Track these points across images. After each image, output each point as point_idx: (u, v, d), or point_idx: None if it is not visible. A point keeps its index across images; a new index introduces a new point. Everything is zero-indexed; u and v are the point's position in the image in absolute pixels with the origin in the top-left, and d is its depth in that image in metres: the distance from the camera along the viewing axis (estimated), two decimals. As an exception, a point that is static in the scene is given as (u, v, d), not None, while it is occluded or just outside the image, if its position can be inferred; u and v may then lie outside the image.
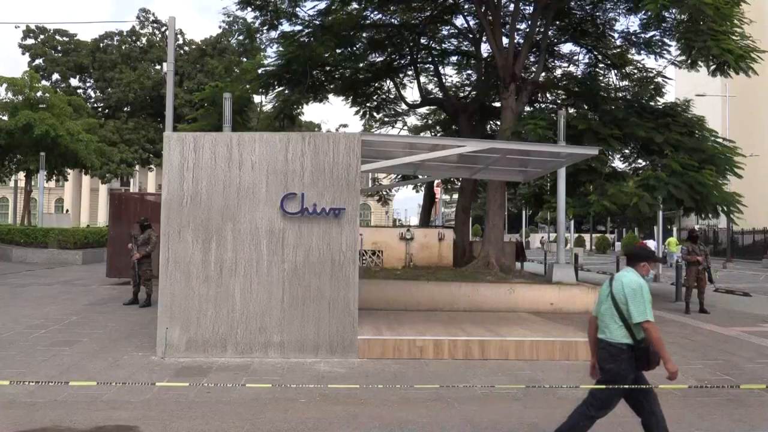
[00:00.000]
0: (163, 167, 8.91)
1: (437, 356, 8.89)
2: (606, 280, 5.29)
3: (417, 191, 33.74)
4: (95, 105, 52.55)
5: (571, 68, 23.01)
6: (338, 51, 20.40)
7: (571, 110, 19.91)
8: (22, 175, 36.87)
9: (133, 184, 73.99)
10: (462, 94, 25.69)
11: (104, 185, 63.21)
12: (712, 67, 15.66)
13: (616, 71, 21.08)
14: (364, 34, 21.54)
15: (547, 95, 23.07)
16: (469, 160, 12.12)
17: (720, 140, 18.03)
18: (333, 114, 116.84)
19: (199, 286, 8.66)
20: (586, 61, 22.25)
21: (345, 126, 42.76)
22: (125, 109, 51.09)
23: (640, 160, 19.49)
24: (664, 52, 19.56)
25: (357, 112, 26.33)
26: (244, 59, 26.31)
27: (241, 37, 21.52)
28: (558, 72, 23.44)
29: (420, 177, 16.52)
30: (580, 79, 21.35)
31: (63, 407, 6.34)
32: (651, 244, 37.20)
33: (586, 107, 19.83)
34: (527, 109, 20.13)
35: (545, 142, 14.91)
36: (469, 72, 25.47)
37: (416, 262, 20.06)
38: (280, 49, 19.96)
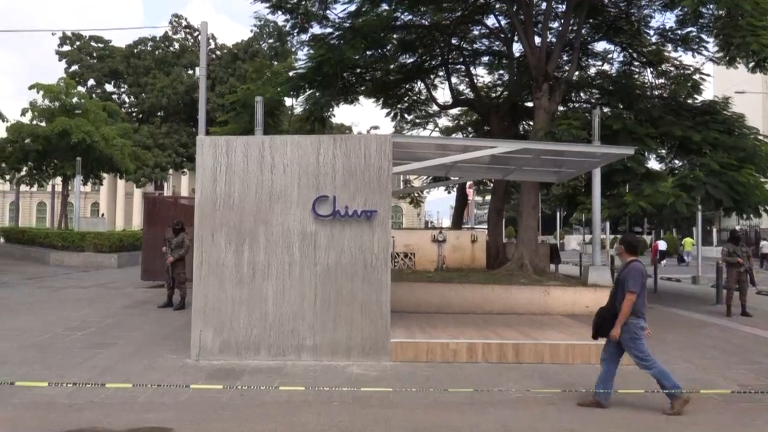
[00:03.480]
0: (196, 171, 9.03)
1: (471, 359, 8.86)
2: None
3: (449, 193, 33.46)
4: (129, 110, 53.63)
5: (606, 66, 22.65)
6: (368, 53, 20.39)
7: (606, 109, 19.61)
8: (59, 179, 37.61)
9: (167, 188, 75.37)
10: (494, 95, 25.40)
11: (139, 189, 64.23)
12: (752, 64, 15.31)
13: (651, 69, 20.70)
14: (394, 36, 21.50)
15: (581, 94, 22.77)
16: (501, 161, 12.06)
17: (761, 138, 17.60)
18: (364, 116, 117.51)
19: (232, 289, 8.76)
20: (621, 59, 21.90)
21: (376, 128, 42.83)
22: (159, 113, 52.03)
23: (676, 160, 19.11)
24: (702, 48, 19.15)
25: (388, 114, 26.16)
26: (275, 62, 26.47)
27: (271, 41, 21.65)
28: (592, 71, 23.10)
29: (452, 178, 16.48)
30: (615, 78, 21.02)
31: (100, 408, 6.45)
32: (662, 245, 36.74)
33: (621, 106, 19.52)
34: (560, 108, 19.87)
35: (579, 143, 14.73)
36: (501, 72, 25.24)
37: (449, 264, 19.98)
38: (311, 51, 20.02)
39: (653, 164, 19.84)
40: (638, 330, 6.76)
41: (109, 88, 54.33)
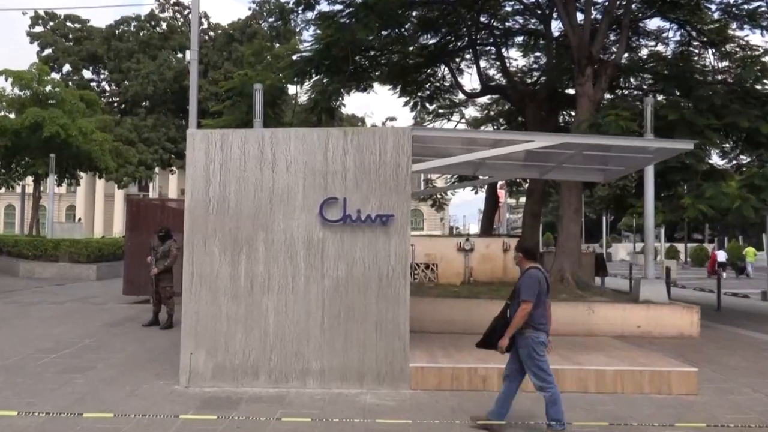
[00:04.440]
0: (187, 169, 9.10)
1: (502, 387, 8.83)
2: None
3: (477, 193, 33.47)
4: (110, 100, 54.10)
5: (660, 47, 22.52)
6: (384, 33, 20.43)
7: (660, 97, 19.50)
8: (30, 179, 37.99)
9: (153, 189, 75.99)
10: (529, 81, 25.42)
11: (120, 190, 64.76)
12: (832, 43, 15.21)
13: (713, 50, 20.55)
14: (413, 13, 21.53)
15: (631, 80, 22.66)
16: (538, 157, 11.99)
17: None
18: (379, 106, 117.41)
19: (228, 305, 8.82)
20: (677, 38, 21.76)
21: (393, 119, 42.78)
22: (143, 104, 52.36)
23: (743, 156, 18.97)
24: (772, 26, 19.01)
25: (406, 103, 26.29)
26: (277, 45, 26.59)
27: (272, 19, 21.78)
28: (643, 52, 22.98)
29: (480, 178, 16.40)
30: (671, 60, 20.89)
31: (76, 442, 6.49)
32: (721, 255, 36.45)
33: (677, 93, 19.39)
34: (607, 96, 19.78)
35: (629, 136, 14.64)
36: (538, 54, 25.20)
37: (477, 276, 19.93)
38: (318, 32, 20.10)
39: (716, 161, 19.71)
40: (537, 345, 6.93)
41: (87, 74, 54.94)
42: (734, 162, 19.44)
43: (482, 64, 24.83)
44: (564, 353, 10.14)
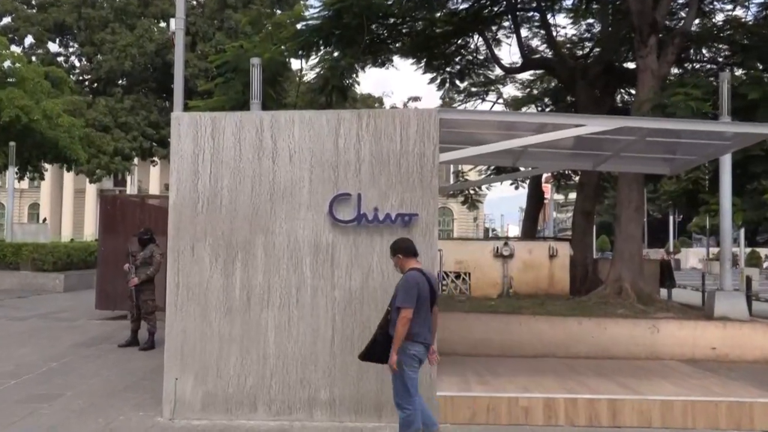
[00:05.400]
0: (171, 160, 9.10)
1: (549, 422, 8.83)
2: None
3: (518, 189, 33.29)
4: (81, 77, 54.21)
5: (738, 12, 22.35)
6: (406, -4, 20.38)
7: (739, 72, 19.34)
8: (-15, 174, 38.21)
9: (131, 184, 76.15)
10: (580, 53, 25.33)
11: (93, 185, 64.90)
12: None
13: (805, 14, 20.38)
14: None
15: (703, 51, 22.48)
16: (591, 144, 11.97)
17: None
18: (399, 84, 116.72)
19: (220, 322, 8.82)
20: (760, 0, 21.57)
21: (416, 100, 42.80)
22: (120, 82, 52.41)
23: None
24: None
25: (432, 81, 26.23)
26: (278, 11, 26.62)
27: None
28: (718, 18, 22.79)
29: (522, 170, 16.50)
30: (752, 27, 20.69)
31: (41, 484, 6.51)
32: None
33: (760, 67, 19.22)
34: (674, 71, 19.64)
35: (700, 119, 14.51)
36: (591, 21, 25.04)
37: (517, 288, 19.93)
38: (327, -5, 20.09)
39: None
40: (408, 358, 7.10)
41: (53, 47, 55.16)
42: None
43: (524, 32, 24.70)
44: (623, 380, 10.18)
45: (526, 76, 28.44)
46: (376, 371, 8.62)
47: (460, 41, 24.72)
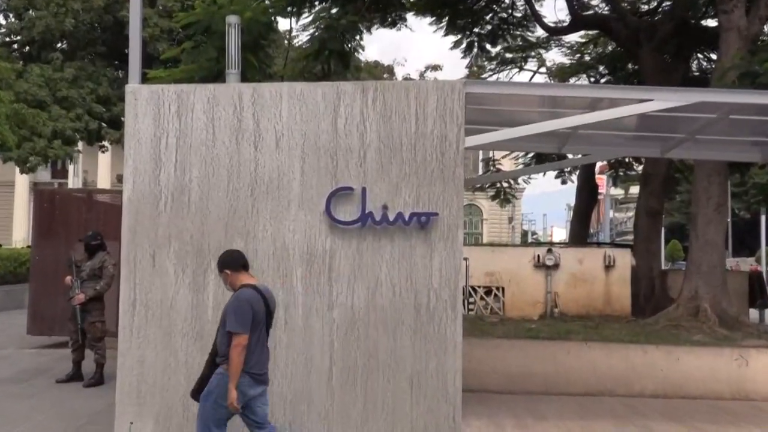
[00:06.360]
0: (126, 145, 8.43)
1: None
2: None
3: (565, 182, 32.08)
4: (8, 38, 51.72)
5: None
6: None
7: None
8: None
9: (75, 175, 71.93)
10: (646, 8, 23.92)
11: (25, 176, 61.97)
12: None
13: None
14: None
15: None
16: (659, 125, 11.13)
17: None
18: (414, 49, 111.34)
19: (188, 350, 8.15)
20: None
21: (436, 69, 41.07)
22: (59, 45, 49.46)
23: None
24: None
25: (457, 44, 24.78)
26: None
27: None
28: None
29: (570, 157, 15.85)
30: None
31: None
32: None
33: None
34: (767, 30, 18.59)
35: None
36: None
37: (564, 307, 18.93)
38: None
39: None
40: (220, 389, 6.52)
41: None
42: None
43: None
44: (700, 426, 9.85)
45: (575, 38, 27.07)
46: (385, 412, 8.27)
47: (490, -4, 23.67)
